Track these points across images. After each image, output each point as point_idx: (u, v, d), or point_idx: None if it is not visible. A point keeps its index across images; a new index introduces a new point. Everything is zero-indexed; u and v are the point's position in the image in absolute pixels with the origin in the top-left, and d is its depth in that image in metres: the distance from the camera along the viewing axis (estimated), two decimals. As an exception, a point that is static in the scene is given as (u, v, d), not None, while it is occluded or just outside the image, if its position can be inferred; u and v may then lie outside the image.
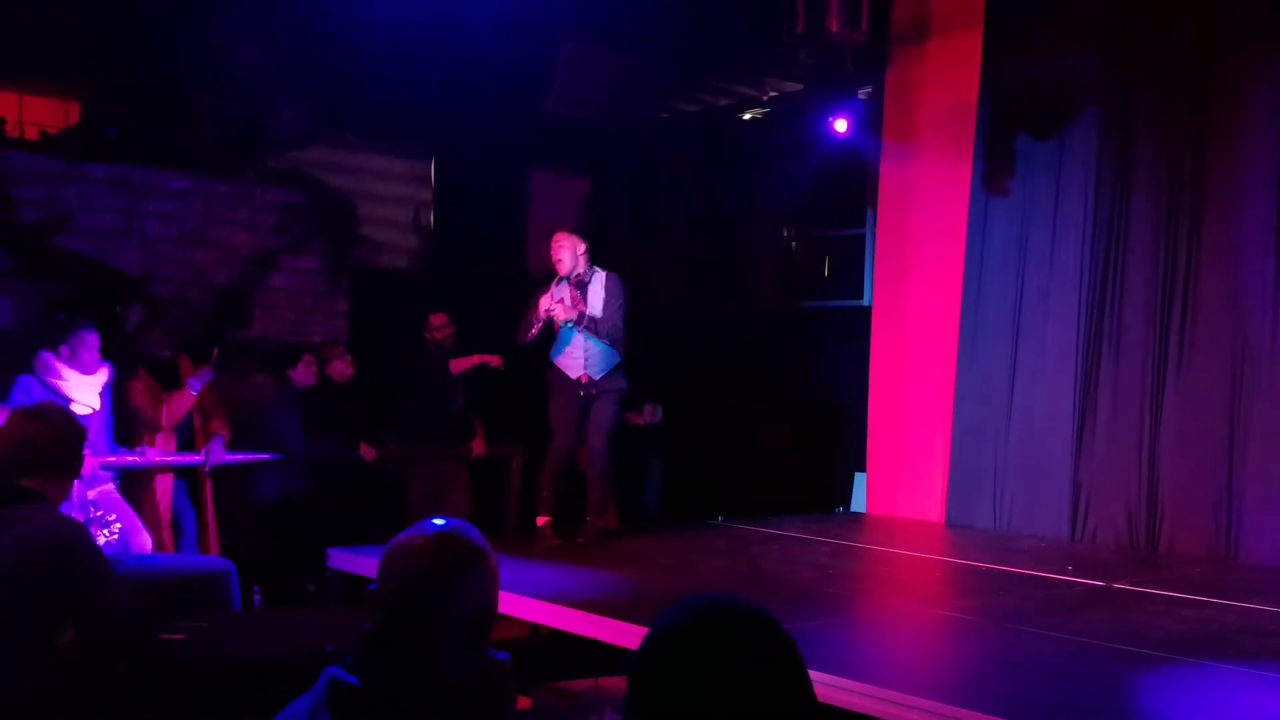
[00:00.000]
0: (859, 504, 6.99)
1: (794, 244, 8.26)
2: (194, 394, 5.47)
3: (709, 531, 6.00)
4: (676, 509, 7.31)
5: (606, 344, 5.29)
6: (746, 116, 8.14)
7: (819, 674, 2.98)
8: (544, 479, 5.44)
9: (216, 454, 5.52)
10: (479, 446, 6.44)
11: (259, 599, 4.82)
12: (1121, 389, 5.80)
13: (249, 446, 5.71)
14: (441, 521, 1.56)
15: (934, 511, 6.49)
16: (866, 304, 7.17)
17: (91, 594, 2.85)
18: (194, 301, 6.41)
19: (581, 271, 5.29)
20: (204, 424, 5.73)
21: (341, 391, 6.16)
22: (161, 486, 5.49)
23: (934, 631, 4.06)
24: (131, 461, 5.16)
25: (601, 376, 5.34)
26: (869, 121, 6.92)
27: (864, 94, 7.04)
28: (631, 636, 3.45)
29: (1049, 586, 4.64)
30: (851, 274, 7.56)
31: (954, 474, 6.44)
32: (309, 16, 6.23)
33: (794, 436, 7.50)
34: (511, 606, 4.01)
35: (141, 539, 4.89)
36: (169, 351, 5.74)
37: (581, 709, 3.60)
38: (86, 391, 4.89)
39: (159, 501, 5.45)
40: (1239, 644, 3.64)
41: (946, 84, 6.48)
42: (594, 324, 5.25)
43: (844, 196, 7.52)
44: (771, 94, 7.78)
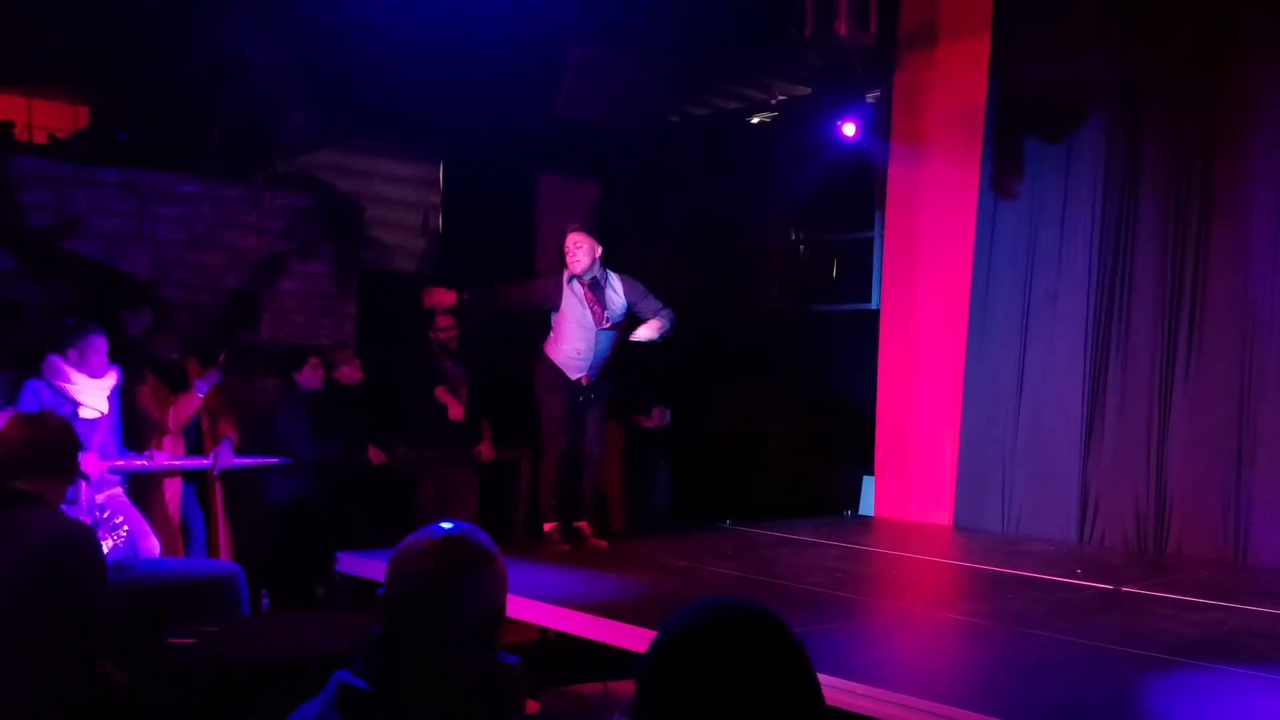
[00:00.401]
0: (867, 507, 6.97)
1: (802, 247, 8.26)
2: (201, 396, 5.48)
3: (717, 534, 5.99)
4: (685, 512, 7.30)
5: (662, 337, 5.25)
6: (755, 120, 8.14)
7: (828, 677, 2.97)
8: (545, 485, 5.42)
9: (225, 458, 5.54)
10: (487, 450, 6.44)
11: (267, 603, 4.83)
12: (1130, 392, 5.78)
13: (257, 450, 5.72)
14: (449, 525, 1.56)
15: (942, 514, 6.48)
16: (875, 307, 7.15)
17: (91, 596, 2.87)
18: (203, 305, 6.43)
19: (598, 274, 5.26)
20: (212, 427, 5.75)
21: (349, 395, 6.16)
22: (170, 490, 5.50)
23: (943, 635, 4.05)
24: (140, 465, 5.18)
25: (597, 379, 5.34)
26: (877, 125, 6.91)
27: (872, 97, 7.03)
28: (640, 640, 3.45)
29: (1058, 590, 4.62)
30: (860, 277, 7.55)
31: (962, 477, 6.42)
32: (317, 20, 6.25)
33: (802, 439, 7.49)
34: (520, 610, 4.02)
35: (150, 543, 4.90)
36: (177, 355, 5.76)
37: (590, 712, 3.60)
38: (95, 395, 4.90)
39: (168, 505, 5.47)
40: (1250, 647, 3.63)
41: (955, 87, 6.47)
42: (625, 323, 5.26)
43: (852, 200, 7.51)
44: (780, 97, 7.78)
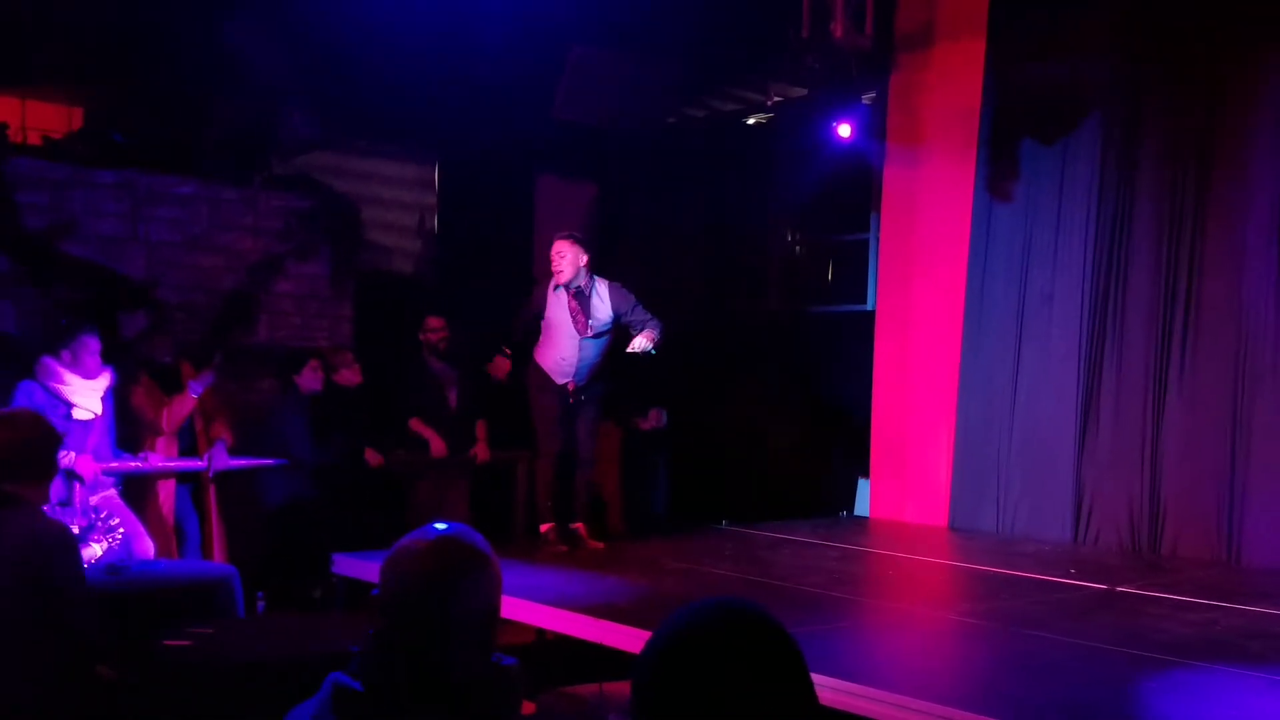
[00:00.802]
0: (863, 508, 6.98)
1: (799, 248, 8.27)
2: (194, 397, 5.47)
3: (714, 535, 6.00)
4: (682, 513, 7.30)
5: (649, 348, 5.23)
6: (751, 121, 8.15)
7: (825, 678, 2.98)
8: (541, 486, 5.43)
9: (219, 459, 5.53)
10: (482, 451, 6.44)
11: (263, 605, 4.82)
12: (1124, 392, 5.79)
13: (254, 452, 5.72)
14: (444, 526, 1.55)
15: (938, 515, 6.48)
16: (870, 308, 7.16)
17: (69, 598, 2.89)
18: (200, 307, 6.43)
19: (583, 283, 5.27)
20: (207, 429, 5.74)
21: (349, 397, 6.15)
22: (164, 492, 5.49)
23: (939, 635, 4.06)
24: (134, 467, 5.17)
25: (585, 384, 5.35)
26: (873, 126, 6.92)
27: (868, 99, 7.04)
28: (637, 641, 3.45)
29: (1053, 590, 4.63)
30: (856, 278, 7.56)
31: (957, 478, 6.43)
32: (314, 21, 6.24)
33: (798, 440, 7.50)
34: (517, 611, 4.02)
35: (144, 544, 4.89)
36: (172, 356, 5.75)
37: (587, 714, 3.60)
38: (88, 396, 4.90)
39: (162, 507, 5.46)
40: (1244, 647, 3.64)
41: (951, 88, 6.48)
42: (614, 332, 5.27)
43: (848, 201, 7.52)
44: (776, 99, 7.78)
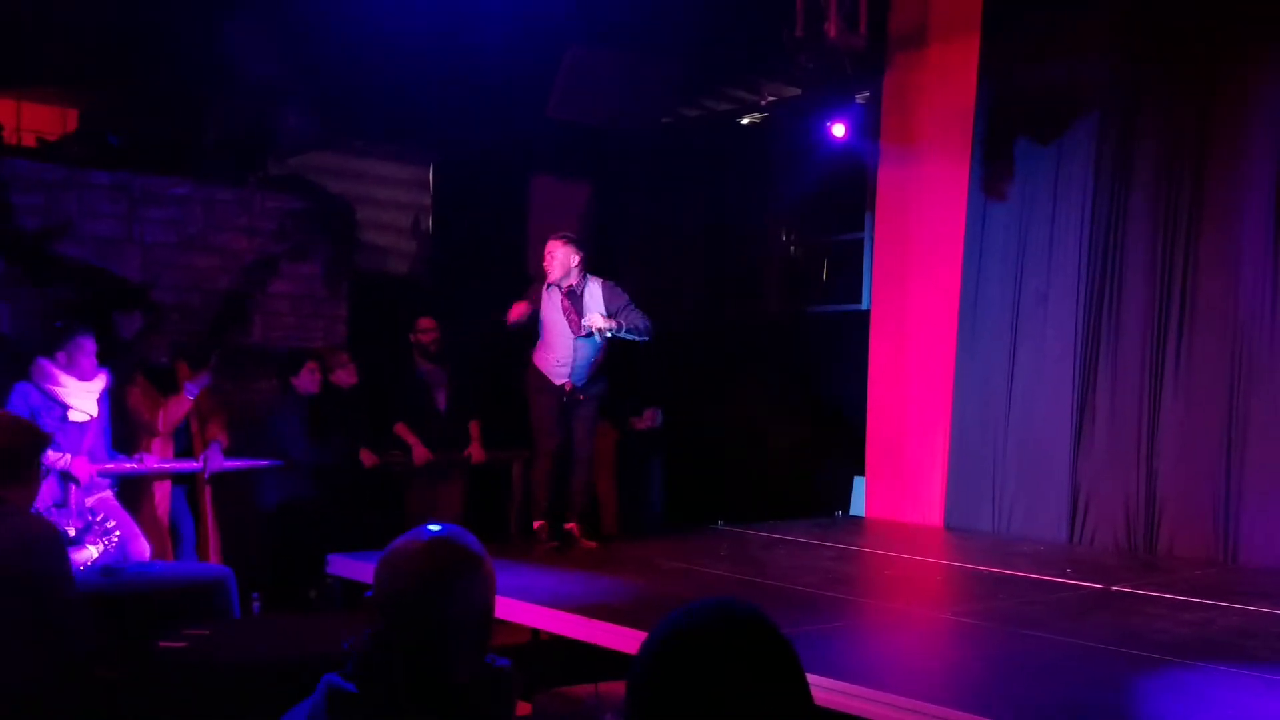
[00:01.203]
0: (858, 508, 6.98)
1: (794, 248, 8.27)
2: (190, 399, 5.47)
3: (710, 535, 6.00)
4: (677, 513, 7.30)
5: (640, 338, 5.29)
6: (745, 121, 8.15)
7: (820, 678, 2.98)
8: (537, 483, 5.44)
9: (215, 460, 5.52)
10: (476, 451, 6.43)
11: (258, 606, 4.82)
12: (1120, 392, 5.80)
13: (251, 453, 5.71)
14: (437, 527, 1.55)
15: (933, 515, 6.49)
16: (865, 308, 7.17)
17: (59, 598, 2.90)
18: (195, 308, 6.42)
19: (574, 282, 5.28)
20: (202, 430, 5.73)
21: (345, 398, 6.15)
22: (160, 493, 5.49)
23: (935, 635, 4.06)
24: (130, 468, 5.17)
25: (584, 383, 5.34)
26: (867, 126, 6.92)
27: (862, 99, 7.05)
28: (632, 641, 3.45)
29: (1049, 590, 4.63)
30: (851, 278, 7.56)
31: (953, 477, 6.44)
32: (309, 21, 6.24)
33: (794, 440, 7.50)
34: (513, 612, 4.01)
35: (140, 546, 4.89)
36: (168, 357, 5.75)
37: (582, 714, 3.60)
38: (84, 398, 4.89)
39: (157, 508, 5.45)
40: (1241, 647, 3.64)
41: (945, 88, 6.49)
42: (611, 331, 5.24)
43: (843, 201, 7.53)
44: (770, 98, 7.79)
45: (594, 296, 5.30)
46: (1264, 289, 5.33)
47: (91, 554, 4.44)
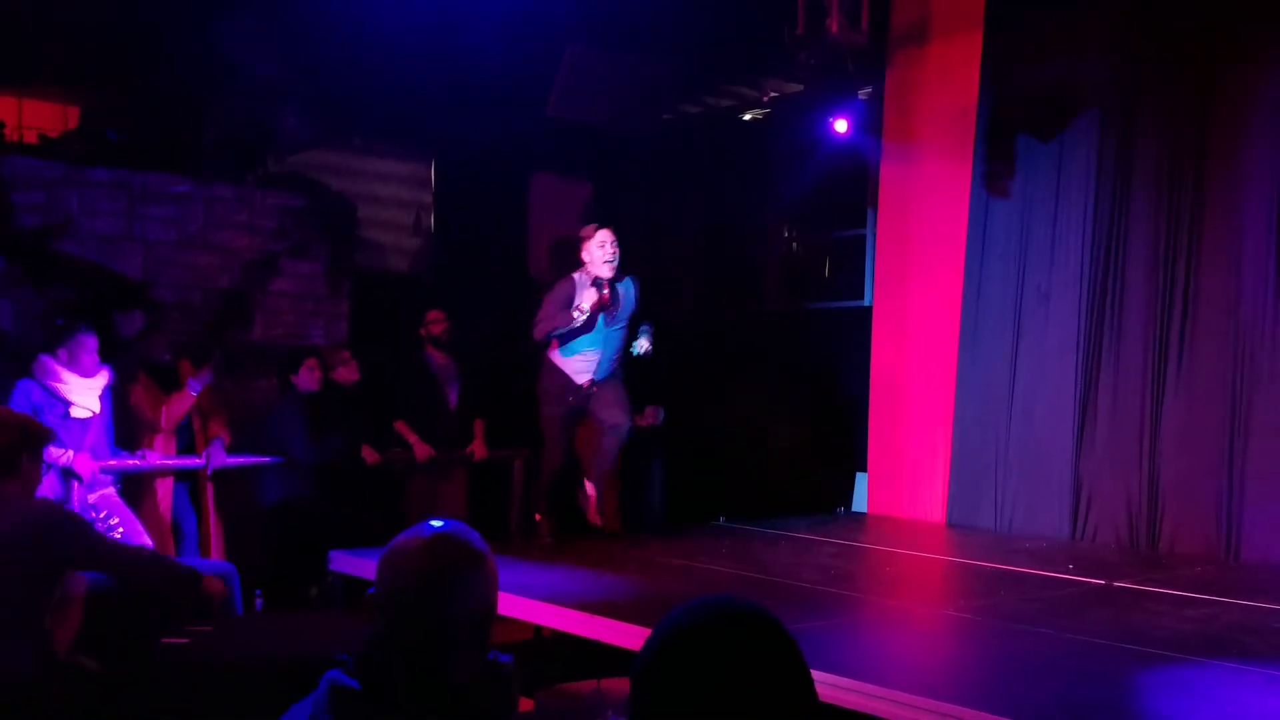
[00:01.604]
0: (860, 504, 6.98)
1: (795, 245, 8.26)
2: (193, 395, 5.47)
3: (711, 533, 6.00)
4: (679, 510, 7.30)
5: (649, 350, 5.21)
6: (746, 117, 8.14)
7: (823, 674, 2.98)
8: (545, 477, 5.41)
9: (217, 457, 5.53)
10: (479, 449, 6.43)
11: (261, 603, 4.82)
12: (1122, 388, 5.80)
13: (252, 450, 5.72)
14: (439, 523, 1.55)
15: (935, 512, 6.49)
16: (867, 304, 7.16)
17: (85, 543, 2.95)
18: (195, 305, 6.42)
19: (613, 275, 5.22)
20: (204, 427, 5.74)
21: (346, 395, 6.16)
22: (162, 490, 5.49)
23: (937, 632, 4.06)
24: (132, 465, 5.17)
25: (604, 378, 5.30)
26: (869, 123, 6.92)
27: (864, 95, 7.04)
28: (635, 638, 3.45)
29: (1051, 586, 4.63)
30: (852, 275, 7.56)
31: (955, 474, 6.44)
32: (310, 19, 6.23)
33: (795, 437, 7.50)
34: (515, 609, 4.02)
35: (143, 542, 4.89)
36: (169, 355, 5.75)
37: (584, 710, 3.60)
38: (86, 395, 4.89)
39: (160, 505, 5.45)
40: (1243, 643, 3.64)
41: (947, 85, 6.48)
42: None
43: (845, 197, 7.52)
44: (772, 95, 7.78)
45: (628, 291, 5.23)
46: (1265, 287, 5.33)
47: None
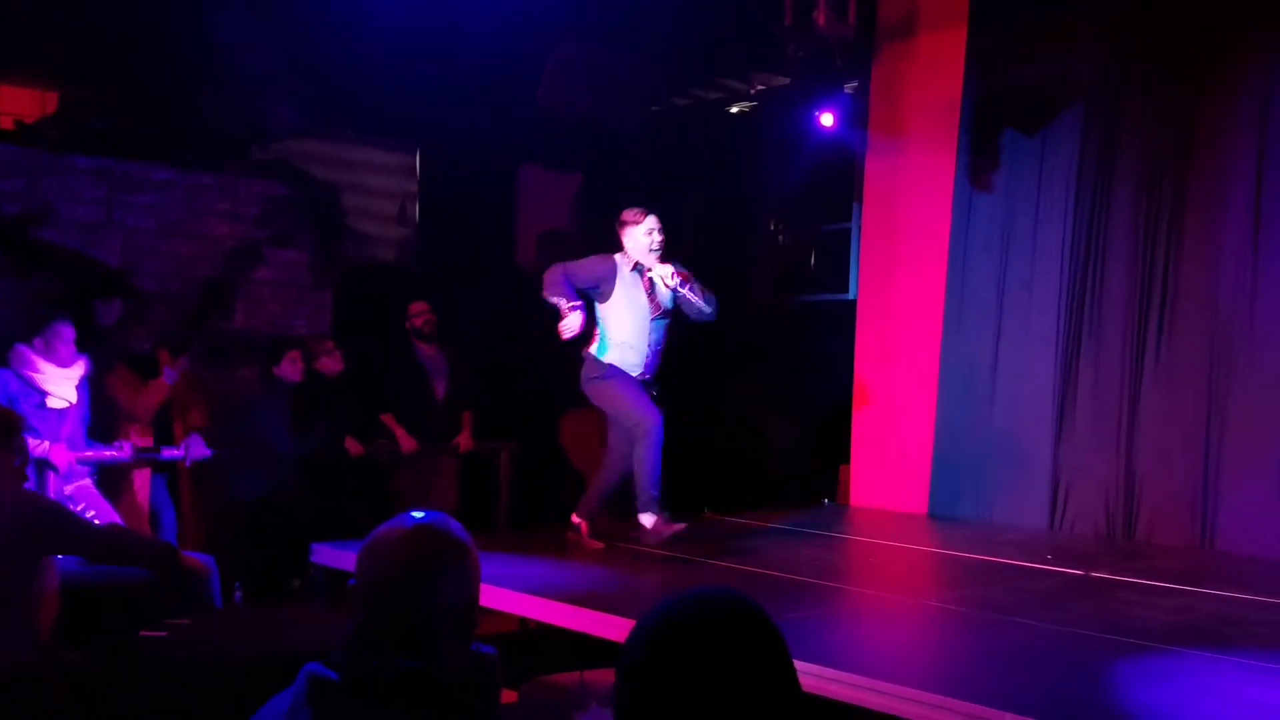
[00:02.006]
0: (844, 496, 7.01)
1: (782, 238, 8.27)
2: (168, 384, 5.43)
3: (696, 524, 6.00)
4: (666, 501, 7.29)
5: (704, 312, 4.96)
6: (734, 110, 8.14)
7: (808, 665, 2.99)
8: (600, 490, 5.05)
9: (196, 448, 5.49)
10: (466, 440, 6.41)
11: (240, 596, 4.79)
12: (1101, 381, 5.84)
13: (234, 442, 5.68)
14: (421, 514, 1.54)
15: (918, 503, 6.52)
16: (852, 297, 7.18)
17: (68, 530, 2.94)
18: (176, 294, 6.37)
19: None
20: (184, 418, 5.70)
21: (330, 386, 6.12)
22: (140, 481, 5.45)
23: (919, 622, 4.08)
24: (110, 456, 5.13)
25: (652, 377, 4.94)
26: (856, 116, 6.92)
27: (851, 89, 7.04)
28: (620, 630, 3.45)
29: (1030, 576, 4.66)
30: (838, 267, 7.57)
31: (937, 465, 6.47)
32: (297, 7, 6.18)
33: (780, 429, 7.51)
34: (500, 600, 4.01)
35: (121, 533, 4.85)
36: (149, 344, 5.70)
37: (568, 702, 3.60)
38: (63, 385, 4.85)
39: (137, 496, 5.41)
40: (1219, 633, 3.68)
41: (932, 79, 6.49)
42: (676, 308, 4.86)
43: (831, 190, 7.53)
44: (759, 87, 7.78)
45: (658, 273, 4.95)
46: (1244, 281, 5.37)
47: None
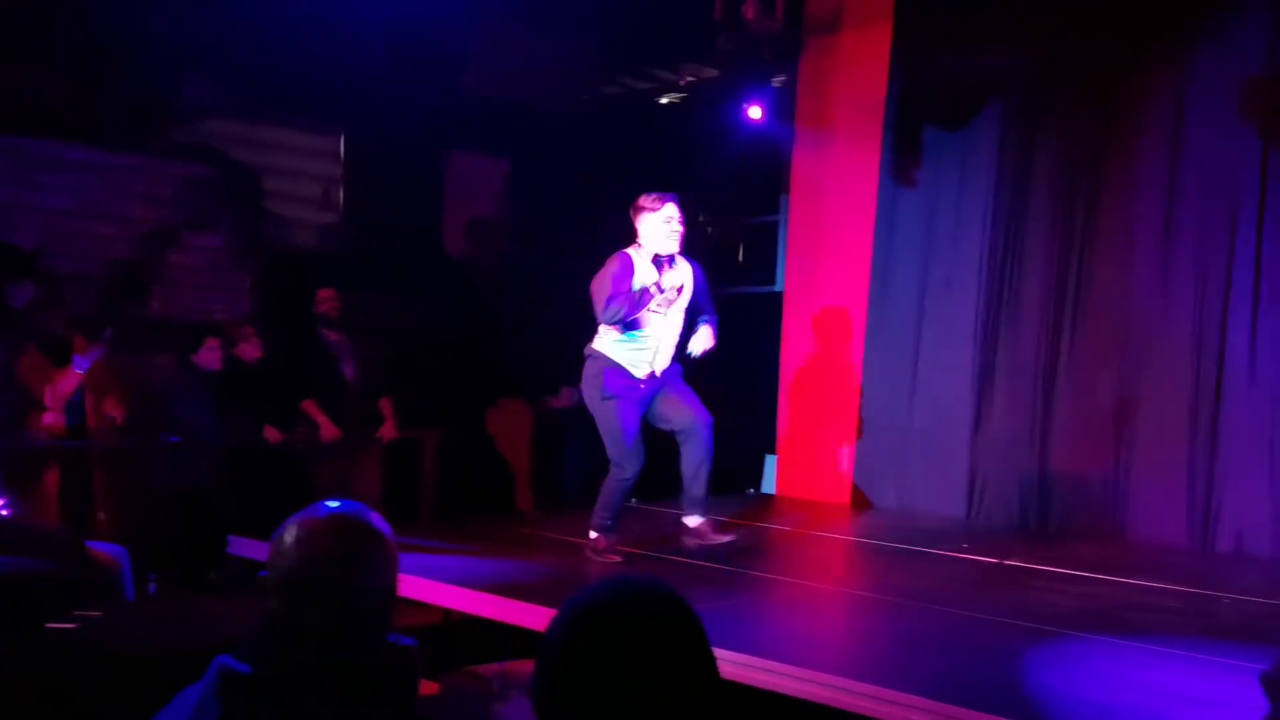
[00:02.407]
0: (769, 485, 7.09)
1: (710, 229, 8.32)
2: (80, 372, 5.25)
3: (623, 514, 6.02)
4: (592, 491, 7.30)
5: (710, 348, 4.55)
6: (664, 101, 8.15)
7: (727, 652, 3.03)
8: (612, 502, 4.56)
9: (109, 437, 5.33)
10: (389, 429, 6.33)
11: (154, 587, 4.67)
12: (1017, 374, 6.01)
13: (150, 429, 5.52)
14: (335, 504, 1.52)
15: (840, 493, 6.64)
16: (779, 289, 7.26)
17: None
18: (91, 277, 6.16)
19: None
20: (98, 405, 5.52)
21: (250, 373, 5.99)
22: (50, 469, 5.27)
23: (840, 610, 4.16)
24: (19, 443, 4.95)
25: (665, 371, 4.58)
26: (784, 110, 6.99)
27: (779, 82, 7.11)
28: (544, 619, 3.45)
29: (947, 564, 4.79)
30: (765, 260, 7.64)
31: (860, 456, 6.59)
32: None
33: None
34: (423, 591, 3.98)
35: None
36: (63, 328, 5.51)
37: (490, 692, 3.59)
38: (-31, 371, 4.66)
39: (46, 484, 5.23)
40: (1125, 619, 3.82)
41: (858, 75, 6.59)
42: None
43: (759, 183, 7.59)
44: (689, 79, 7.80)
45: (695, 273, 4.57)
46: (1154, 278, 5.57)
47: (-24, 533, 4.24)
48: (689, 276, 4.56)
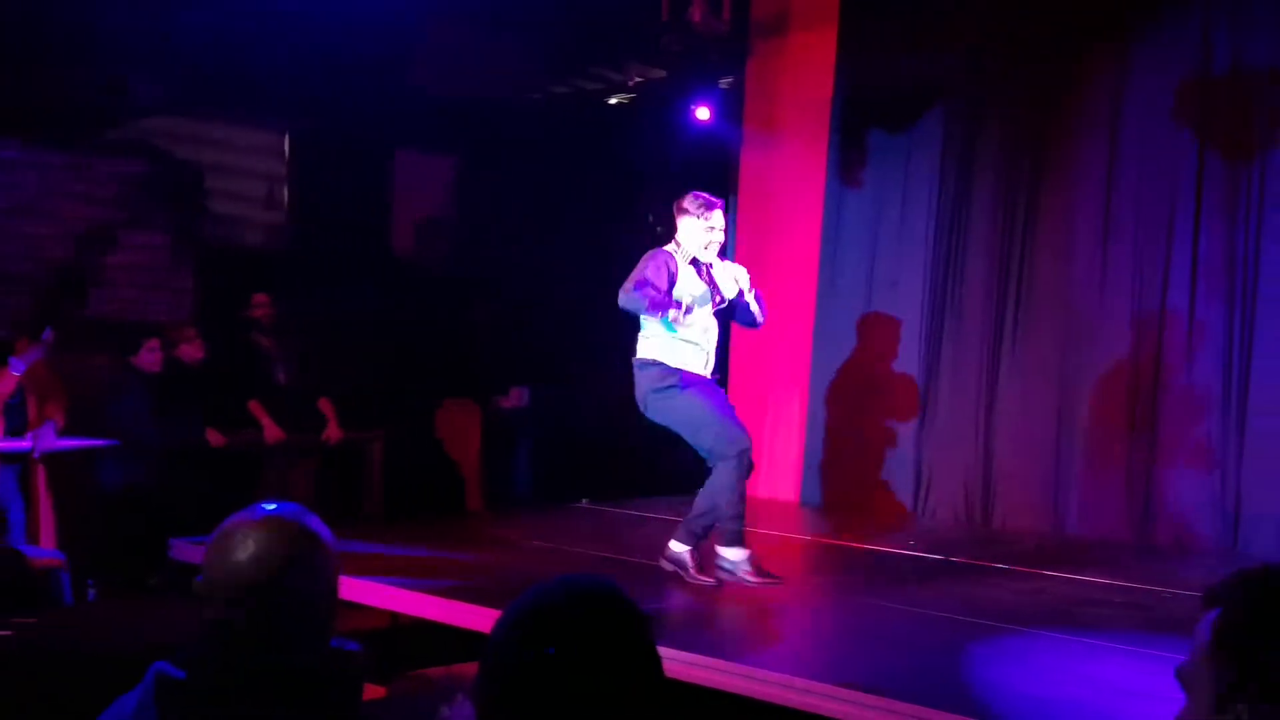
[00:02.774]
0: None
1: (659, 229, 8.33)
2: (16, 375, 5.11)
3: (574, 514, 6.01)
4: (543, 492, 7.29)
5: (756, 320, 4.47)
6: (613, 101, 8.15)
7: (674, 650, 3.03)
8: (734, 500, 4.28)
9: (47, 440, 5.19)
10: (333, 431, 6.25)
11: (93, 593, 4.56)
12: (961, 372, 6.11)
13: (90, 432, 5.39)
14: (272, 506, 1.49)
15: (789, 491, 6.69)
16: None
17: None
18: (27, 278, 6.00)
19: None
20: (39, 408, 5.38)
21: (191, 374, 5.88)
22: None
23: (788, 608, 4.19)
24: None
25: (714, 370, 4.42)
26: (731, 111, 7.03)
27: (725, 83, 7.14)
28: (490, 621, 3.43)
29: (894, 561, 4.85)
30: (714, 260, 7.66)
31: (808, 455, 6.65)
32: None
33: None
34: (370, 595, 3.93)
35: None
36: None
37: (436, 695, 3.56)
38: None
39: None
40: (1069, 614, 3.90)
41: (804, 76, 6.65)
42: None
43: (707, 184, 7.61)
44: (637, 80, 7.81)
45: (739, 275, 4.42)
46: (1093, 275, 5.69)
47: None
48: (739, 278, 4.39)
